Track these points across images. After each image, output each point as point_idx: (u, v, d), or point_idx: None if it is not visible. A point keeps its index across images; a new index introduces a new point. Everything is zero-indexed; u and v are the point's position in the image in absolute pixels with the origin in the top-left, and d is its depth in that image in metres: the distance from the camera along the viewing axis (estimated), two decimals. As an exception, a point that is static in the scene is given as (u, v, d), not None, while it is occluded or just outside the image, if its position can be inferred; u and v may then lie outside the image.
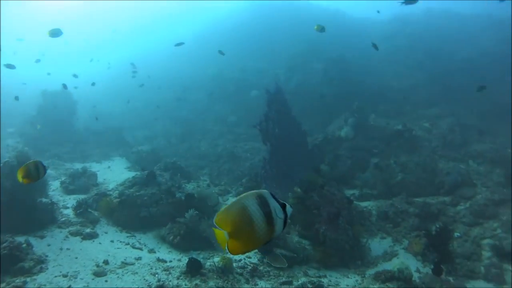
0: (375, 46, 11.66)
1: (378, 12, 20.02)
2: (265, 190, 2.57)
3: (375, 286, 7.16)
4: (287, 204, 2.59)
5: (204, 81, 25.60)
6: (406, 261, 8.41)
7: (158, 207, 10.38)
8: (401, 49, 24.17)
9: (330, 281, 7.80)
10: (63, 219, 9.61)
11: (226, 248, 2.47)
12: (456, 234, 9.88)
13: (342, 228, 8.86)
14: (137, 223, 10.18)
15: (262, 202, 2.51)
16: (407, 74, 21.79)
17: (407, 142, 14.02)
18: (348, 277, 8.10)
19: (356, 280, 7.84)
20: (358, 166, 13.72)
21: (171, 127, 22.15)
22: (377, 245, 9.84)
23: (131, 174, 13.01)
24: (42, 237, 8.43)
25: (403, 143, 13.99)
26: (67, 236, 8.75)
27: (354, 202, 11.62)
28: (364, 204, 12.00)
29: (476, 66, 22.68)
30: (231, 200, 12.20)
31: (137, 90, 22.47)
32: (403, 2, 10.53)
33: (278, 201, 2.58)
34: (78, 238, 8.83)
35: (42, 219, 8.99)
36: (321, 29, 11.33)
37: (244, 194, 2.52)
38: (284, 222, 2.56)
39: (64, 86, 16.51)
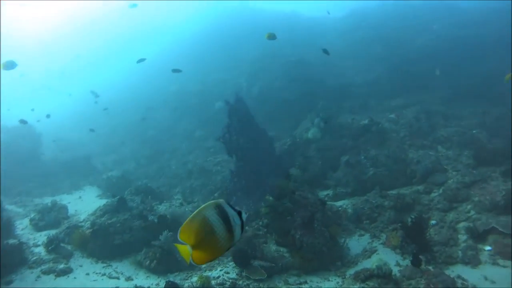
0: (325, 51, 11.73)
1: (328, 13, 20.07)
2: (221, 200, 2.72)
3: (355, 287, 7.08)
4: (242, 211, 2.73)
5: (168, 98, 25.44)
6: (385, 256, 8.41)
7: (131, 233, 10.16)
8: (360, 44, 24.44)
9: (311, 286, 7.71)
10: (34, 258, 9.32)
11: (191, 260, 2.62)
12: (433, 221, 9.93)
13: (318, 231, 8.81)
14: (112, 252, 9.97)
15: (221, 211, 2.67)
16: (369, 68, 21.97)
17: (375, 135, 14.05)
18: (329, 280, 8.04)
19: (337, 282, 7.79)
20: (329, 166, 13.72)
21: (139, 149, 21.88)
22: (356, 243, 9.81)
23: (102, 202, 12.72)
24: (9, 283, 8.10)
25: (372, 137, 14.02)
26: (39, 276, 8.49)
27: (329, 202, 11.62)
28: (339, 203, 12.00)
29: (434, 52, 23.10)
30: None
31: (102, 115, 22.17)
32: None
33: (234, 209, 2.73)
34: (51, 276, 8.59)
35: (10, 262, 8.64)
36: (272, 36, 11.30)
37: (202, 206, 2.69)
38: (241, 228, 2.73)
39: (22, 121, 16.12)
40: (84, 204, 14.97)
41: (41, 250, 9.87)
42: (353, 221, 10.85)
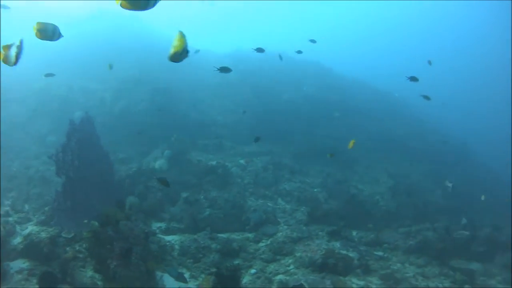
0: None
1: (198, 51, 20.29)
2: None
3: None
4: None
5: (28, 95, 23.63)
6: (197, 299, 8.45)
7: None
8: (232, 85, 25.12)
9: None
10: None
11: None
12: (252, 270, 10.27)
13: (134, 264, 8.65)
14: None
15: None
16: (234, 109, 22.64)
17: (220, 178, 14.41)
18: (134, 317, 7.84)
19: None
20: (169, 199, 13.67)
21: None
22: (173, 280, 9.74)
23: None
24: None
25: (216, 178, 14.34)
26: None
27: (159, 235, 11.53)
28: (169, 238, 11.94)
29: (298, 107, 24.66)
30: (30, 229, 11.30)
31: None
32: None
33: None
34: None
35: None
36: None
37: None
38: None
39: None
40: None
41: None
42: (177, 258, 10.84)
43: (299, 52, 17.61)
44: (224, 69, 12.21)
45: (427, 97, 13.99)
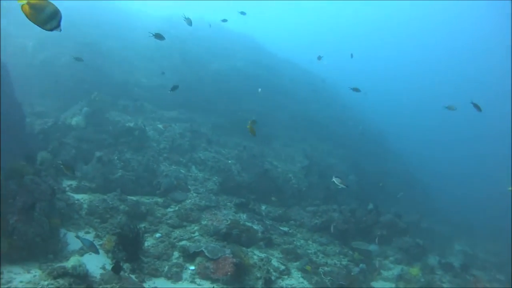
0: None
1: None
2: None
3: (45, 282, 7.06)
4: None
5: None
6: (96, 258, 8.54)
7: None
8: (161, 49, 24.67)
9: (3, 278, 7.41)
10: None
11: None
12: (158, 234, 10.49)
13: (37, 220, 8.56)
14: None
15: None
16: (159, 73, 22.30)
17: (136, 140, 14.30)
18: (29, 272, 7.81)
19: (34, 276, 7.62)
20: (82, 157, 13.46)
21: None
22: (77, 240, 9.74)
23: None
24: None
25: (132, 140, 14.22)
26: None
27: (69, 193, 11.41)
28: (78, 196, 11.79)
29: (226, 79, 24.78)
30: None
31: None
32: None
33: None
34: None
35: None
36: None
37: None
38: None
39: None
40: None
41: None
42: (85, 217, 10.79)
43: (224, 20, 17.77)
44: (158, 36, 12.16)
45: (356, 89, 14.51)
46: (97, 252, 8.01)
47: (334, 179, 11.52)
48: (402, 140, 48.59)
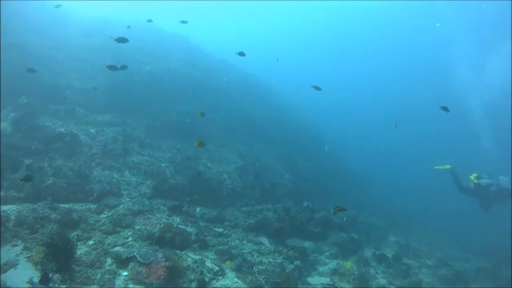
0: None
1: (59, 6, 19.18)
2: None
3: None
4: None
5: None
6: (23, 271, 8.38)
7: None
8: (94, 50, 24.19)
9: None
10: None
11: None
12: (90, 242, 10.38)
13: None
14: None
15: None
16: (92, 75, 21.89)
17: (67, 146, 13.97)
18: None
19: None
20: (10, 166, 13.03)
21: None
22: (5, 253, 9.46)
23: None
24: None
25: (63, 146, 13.88)
26: None
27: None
28: (6, 207, 11.40)
29: (160, 81, 24.67)
30: None
31: None
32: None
33: None
34: None
35: None
36: None
37: None
38: None
39: None
40: None
41: None
42: (12, 229, 10.47)
43: (149, 21, 17.65)
44: (121, 40, 12.01)
45: (317, 88, 14.62)
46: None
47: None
48: (340, 138, 50.27)
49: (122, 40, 12.15)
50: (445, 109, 13.15)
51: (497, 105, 44.76)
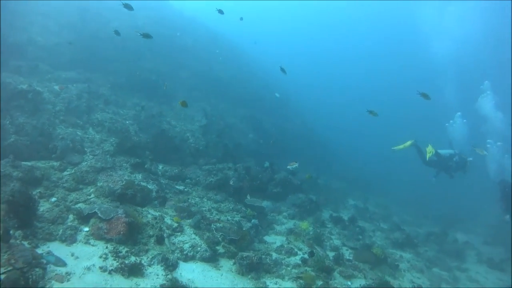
0: None
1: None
2: None
3: None
4: None
5: None
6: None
7: None
8: (59, 4, 23.44)
9: None
10: None
11: None
12: (53, 198, 10.46)
13: None
14: None
15: None
16: (57, 31, 21.31)
17: (30, 103, 13.71)
18: None
19: None
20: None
21: None
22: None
23: None
24: None
25: (25, 103, 13.62)
26: None
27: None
28: (-36, 167, 11.35)
29: (126, 37, 24.16)
30: None
31: None
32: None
33: None
34: None
35: None
36: None
37: None
38: None
39: None
40: None
41: None
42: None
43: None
44: (147, 35, 11.68)
45: (373, 113, 13.78)
46: None
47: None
48: (307, 101, 50.49)
49: (146, 35, 12.01)
50: (425, 96, 13.16)
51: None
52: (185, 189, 14.10)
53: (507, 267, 17.04)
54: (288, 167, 14.12)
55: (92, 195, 11.06)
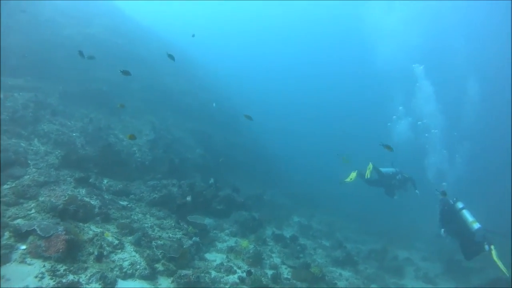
0: None
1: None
2: None
3: None
4: None
5: None
6: None
7: None
8: (8, 9, 22.70)
9: None
10: None
11: None
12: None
13: None
14: None
15: None
16: (3, 35, 20.64)
17: (-29, 112, 13.40)
18: None
19: None
20: None
21: None
22: None
23: None
24: None
25: (-34, 112, 13.29)
26: None
27: None
28: None
29: (79, 46, 23.76)
30: None
31: None
32: None
33: None
34: None
35: None
36: None
37: None
38: None
39: None
40: None
41: None
42: None
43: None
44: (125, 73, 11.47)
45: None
46: None
47: None
48: (257, 115, 50.77)
49: (126, 73, 11.91)
50: (388, 148, 13.71)
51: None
52: (129, 205, 14.00)
53: (440, 281, 17.93)
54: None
55: (33, 210, 10.76)
